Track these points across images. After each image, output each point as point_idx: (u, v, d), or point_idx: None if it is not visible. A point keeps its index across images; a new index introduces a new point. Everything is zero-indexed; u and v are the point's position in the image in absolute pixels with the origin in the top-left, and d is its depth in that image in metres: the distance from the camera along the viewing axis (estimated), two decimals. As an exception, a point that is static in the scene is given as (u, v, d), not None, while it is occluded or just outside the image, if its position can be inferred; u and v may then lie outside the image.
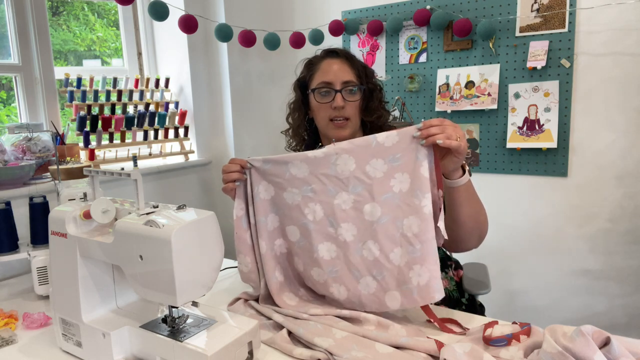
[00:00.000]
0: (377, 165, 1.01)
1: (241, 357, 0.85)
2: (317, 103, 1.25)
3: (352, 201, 1.03)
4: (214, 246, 0.88)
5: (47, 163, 1.71)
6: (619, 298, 2.02)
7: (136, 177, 0.87)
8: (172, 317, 0.87)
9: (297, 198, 1.07)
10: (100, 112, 2.08)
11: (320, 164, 1.05)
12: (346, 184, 1.03)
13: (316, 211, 1.06)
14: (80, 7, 2.32)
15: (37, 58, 1.95)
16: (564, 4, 1.93)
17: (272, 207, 1.12)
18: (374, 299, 1.01)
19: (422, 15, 2.15)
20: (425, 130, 0.95)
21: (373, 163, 1.01)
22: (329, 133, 1.26)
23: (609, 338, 0.71)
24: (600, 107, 1.95)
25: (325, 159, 1.04)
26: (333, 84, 1.22)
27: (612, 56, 1.90)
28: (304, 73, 1.31)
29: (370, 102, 1.26)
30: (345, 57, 1.26)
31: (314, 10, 2.48)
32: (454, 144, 0.93)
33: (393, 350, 0.87)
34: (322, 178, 1.05)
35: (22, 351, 0.98)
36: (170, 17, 2.02)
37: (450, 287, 1.28)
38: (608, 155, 1.96)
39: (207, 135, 2.49)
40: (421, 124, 0.97)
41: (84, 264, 0.91)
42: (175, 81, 2.41)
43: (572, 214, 2.06)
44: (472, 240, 1.13)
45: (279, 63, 2.53)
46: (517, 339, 0.85)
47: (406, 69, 2.31)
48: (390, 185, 1.00)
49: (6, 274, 1.45)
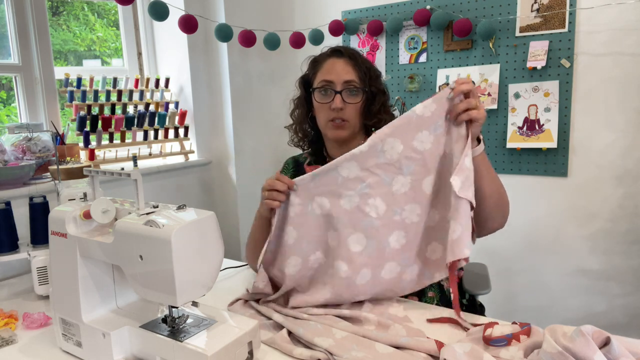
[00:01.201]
0: (424, 138, 1.01)
1: (241, 357, 0.85)
2: (317, 102, 1.25)
3: (409, 182, 1.03)
4: (214, 246, 0.88)
5: (47, 163, 1.71)
6: (619, 298, 2.02)
7: (136, 177, 0.87)
8: (172, 317, 0.87)
9: (355, 199, 1.06)
10: (100, 112, 2.08)
11: (368, 157, 1.04)
12: (399, 167, 1.03)
13: (378, 206, 1.05)
14: (80, 7, 2.32)
15: (37, 58, 1.95)
16: (564, 4, 1.93)
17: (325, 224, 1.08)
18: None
19: (422, 15, 2.15)
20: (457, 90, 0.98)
21: (419, 137, 1.01)
22: (327, 133, 1.26)
23: (609, 338, 0.71)
24: (600, 107, 1.95)
25: (371, 150, 1.03)
26: (334, 83, 1.21)
27: (612, 56, 1.90)
28: (308, 71, 1.31)
29: (372, 106, 1.25)
30: (350, 56, 1.24)
31: (314, 10, 2.48)
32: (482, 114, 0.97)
33: (393, 350, 0.87)
34: (374, 170, 1.04)
35: (22, 351, 0.98)
36: (170, 17, 2.02)
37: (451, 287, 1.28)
38: (608, 155, 1.96)
39: (207, 135, 2.49)
40: (453, 83, 0.99)
41: (84, 264, 0.91)
42: (175, 81, 2.41)
43: (572, 214, 2.06)
44: (497, 218, 1.12)
45: (279, 63, 2.53)
46: (517, 339, 0.85)
47: (406, 69, 2.31)
48: (439, 152, 1.02)
49: (6, 274, 1.45)
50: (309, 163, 1.37)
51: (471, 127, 0.98)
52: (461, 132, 0.99)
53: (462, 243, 0.96)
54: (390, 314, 1.04)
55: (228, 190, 2.52)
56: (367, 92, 1.24)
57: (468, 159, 0.98)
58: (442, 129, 1.01)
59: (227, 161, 2.49)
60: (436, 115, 1.00)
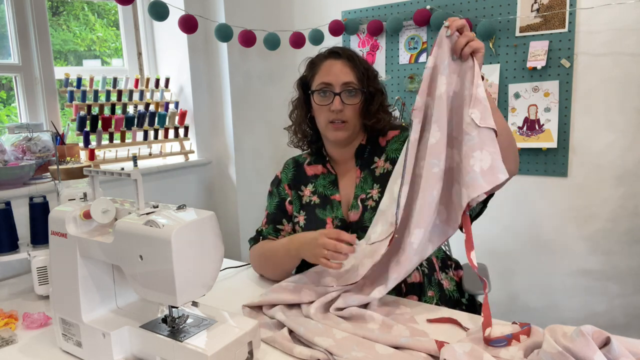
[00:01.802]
0: (439, 82, 1.03)
1: (241, 357, 0.85)
2: (317, 105, 1.25)
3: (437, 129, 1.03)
4: (214, 246, 0.88)
5: (47, 163, 1.71)
6: (619, 298, 2.02)
7: (136, 177, 0.87)
8: (172, 317, 0.87)
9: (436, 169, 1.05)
10: (100, 112, 2.08)
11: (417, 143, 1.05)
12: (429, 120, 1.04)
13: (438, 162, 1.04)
14: (80, 7, 2.32)
15: (37, 58, 1.95)
16: (564, 4, 1.93)
17: None
18: None
19: (422, 15, 2.15)
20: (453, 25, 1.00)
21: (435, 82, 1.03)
22: (327, 134, 1.27)
23: (609, 338, 0.71)
24: (600, 107, 1.95)
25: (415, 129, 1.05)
26: (333, 85, 1.22)
27: (612, 56, 1.90)
28: (306, 72, 1.31)
29: (370, 106, 1.26)
30: (348, 58, 1.25)
31: (314, 10, 2.48)
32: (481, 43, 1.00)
33: (393, 351, 0.87)
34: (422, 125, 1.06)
35: (22, 351, 0.98)
36: (170, 17, 2.02)
37: (450, 287, 1.28)
38: (608, 155, 1.96)
39: (207, 135, 2.49)
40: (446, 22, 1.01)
41: (84, 264, 0.91)
42: (175, 81, 2.41)
43: (572, 214, 2.06)
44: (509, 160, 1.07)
45: (279, 63, 2.53)
46: (517, 339, 0.85)
47: (406, 69, 2.31)
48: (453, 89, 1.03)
49: (6, 274, 1.45)
50: (309, 163, 1.37)
51: (475, 57, 1.01)
52: (468, 64, 1.01)
53: (495, 169, 0.96)
54: (396, 314, 1.04)
55: (228, 190, 2.52)
56: (365, 92, 1.24)
57: (481, 89, 0.99)
58: (447, 69, 1.03)
59: (227, 161, 2.49)
60: (442, 57, 1.03)
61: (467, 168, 0.98)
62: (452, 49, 1.02)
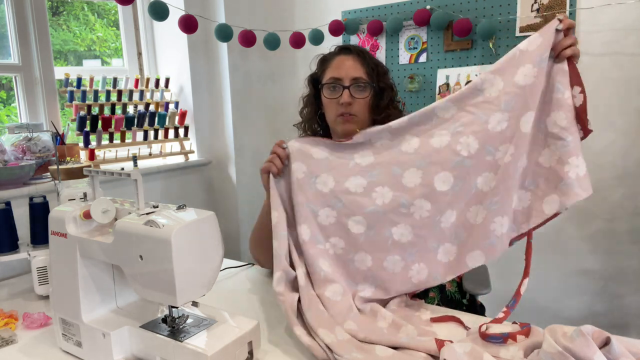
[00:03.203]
0: (527, 71, 0.98)
1: (241, 357, 0.85)
2: (326, 98, 1.25)
3: (507, 118, 0.99)
4: (214, 246, 0.88)
5: (47, 163, 1.71)
6: (619, 298, 2.02)
7: (136, 177, 0.87)
8: (172, 317, 0.87)
9: (446, 138, 1.03)
10: (100, 112, 2.08)
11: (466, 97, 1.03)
12: (497, 104, 1.00)
13: (470, 144, 1.02)
14: (80, 7, 2.32)
15: (37, 58, 1.95)
16: (564, 4, 1.93)
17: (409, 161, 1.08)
18: None
19: (422, 15, 2.15)
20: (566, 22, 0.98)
21: (522, 71, 0.98)
22: (336, 128, 1.26)
23: (609, 338, 0.71)
24: (600, 107, 1.95)
25: (470, 90, 1.03)
26: (342, 80, 1.22)
27: (612, 56, 1.90)
28: (317, 69, 1.32)
29: (380, 101, 1.25)
30: (358, 54, 1.25)
31: (314, 10, 2.48)
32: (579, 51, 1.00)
33: (392, 352, 0.87)
34: (470, 109, 1.03)
35: (22, 351, 0.98)
36: (170, 17, 2.02)
37: (451, 288, 1.28)
38: (608, 156, 1.96)
39: (207, 135, 2.49)
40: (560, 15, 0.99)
41: (84, 264, 0.91)
42: (175, 81, 2.41)
43: (572, 214, 2.06)
44: None
45: (279, 63, 2.53)
46: (513, 338, 0.85)
47: (406, 69, 2.31)
48: (542, 87, 0.99)
49: (6, 274, 1.45)
50: None
51: (571, 62, 0.98)
52: (563, 67, 0.98)
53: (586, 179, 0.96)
54: (415, 315, 1.03)
55: (228, 190, 2.52)
56: (374, 87, 1.24)
57: (569, 93, 0.97)
58: (545, 62, 0.98)
59: (227, 161, 2.49)
60: (542, 48, 0.98)
61: (559, 174, 0.96)
62: (553, 43, 0.98)
